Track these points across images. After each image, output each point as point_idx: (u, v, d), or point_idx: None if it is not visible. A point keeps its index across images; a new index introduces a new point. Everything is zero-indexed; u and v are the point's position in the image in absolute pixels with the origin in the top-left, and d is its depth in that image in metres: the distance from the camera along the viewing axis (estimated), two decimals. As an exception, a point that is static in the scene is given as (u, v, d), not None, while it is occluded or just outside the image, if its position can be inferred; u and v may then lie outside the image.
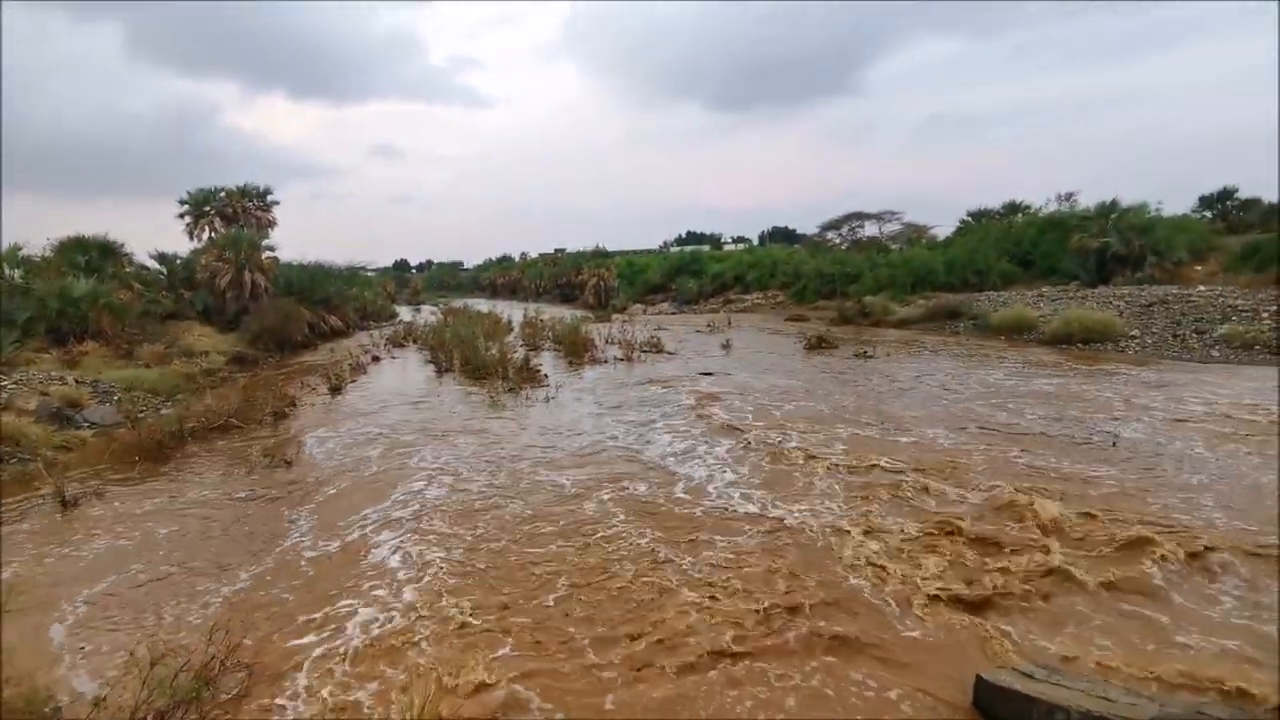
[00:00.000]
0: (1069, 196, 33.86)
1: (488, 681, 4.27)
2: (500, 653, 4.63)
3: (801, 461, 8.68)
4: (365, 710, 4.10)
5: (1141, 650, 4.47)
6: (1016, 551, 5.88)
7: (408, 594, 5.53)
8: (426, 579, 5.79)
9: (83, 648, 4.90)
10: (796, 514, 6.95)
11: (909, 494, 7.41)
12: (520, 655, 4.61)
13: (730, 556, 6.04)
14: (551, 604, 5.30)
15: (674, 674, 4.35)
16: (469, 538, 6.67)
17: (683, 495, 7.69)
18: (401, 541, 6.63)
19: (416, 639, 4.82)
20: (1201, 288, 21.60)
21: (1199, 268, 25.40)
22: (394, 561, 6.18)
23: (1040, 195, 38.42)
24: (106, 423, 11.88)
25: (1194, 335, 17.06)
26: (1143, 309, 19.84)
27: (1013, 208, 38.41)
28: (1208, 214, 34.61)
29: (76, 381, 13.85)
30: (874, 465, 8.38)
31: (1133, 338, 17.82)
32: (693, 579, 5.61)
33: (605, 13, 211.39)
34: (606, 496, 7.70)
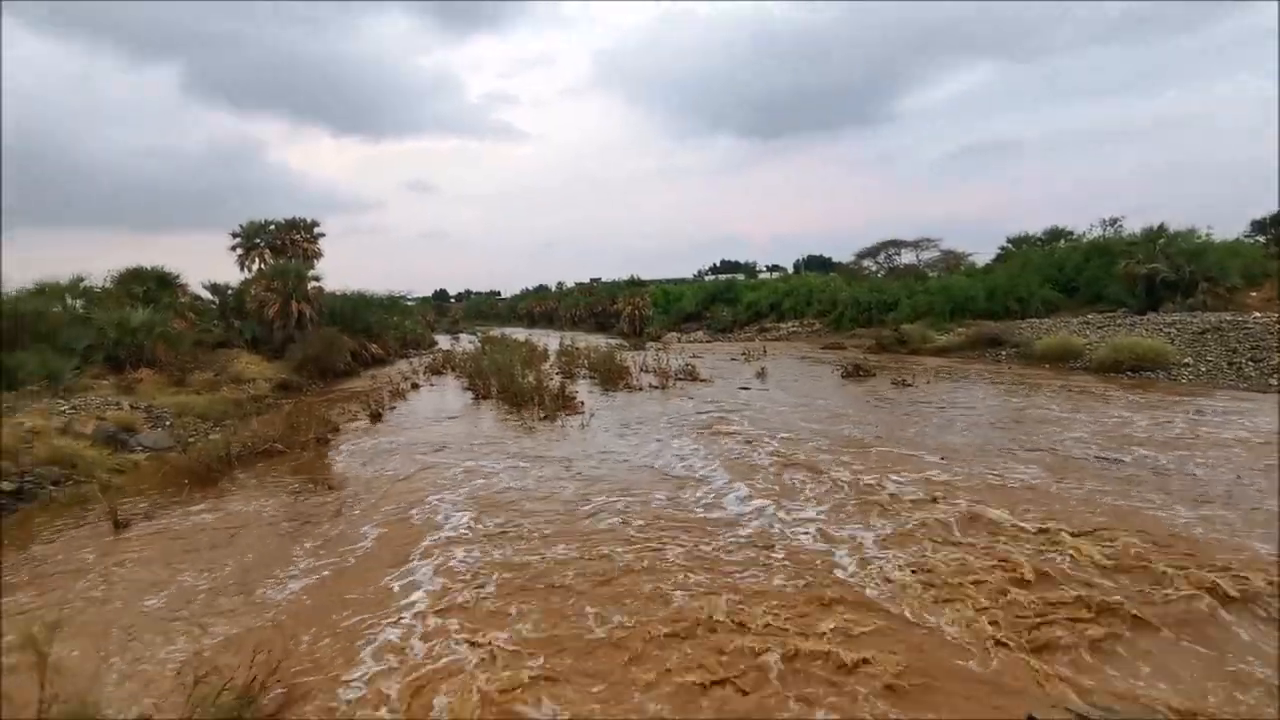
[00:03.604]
0: (1114, 222, 33.20)
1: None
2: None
3: (844, 490, 8.55)
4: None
5: (1200, 689, 4.23)
6: (1071, 586, 5.66)
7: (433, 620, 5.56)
8: (458, 600, 5.82)
9: (128, 665, 5.03)
10: (845, 537, 6.82)
11: (963, 527, 7.21)
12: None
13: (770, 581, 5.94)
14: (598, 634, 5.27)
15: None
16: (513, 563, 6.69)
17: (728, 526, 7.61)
18: (437, 565, 6.69)
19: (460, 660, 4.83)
20: (1257, 314, 20.76)
21: (1254, 294, 24.46)
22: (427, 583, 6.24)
23: (1081, 221, 37.54)
24: (159, 447, 12.31)
25: (1251, 363, 16.37)
26: (1195, 336, 19.14)
27: (1055, 234, 37.73)
28: (1261, 238, 33.47)
29: (131, 407, 14.41)
30: (933, 498, 8.20)
31: (1185, 366, 17.18)
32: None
33: (636, 48, 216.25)
34: (675, 545, 7.66)
